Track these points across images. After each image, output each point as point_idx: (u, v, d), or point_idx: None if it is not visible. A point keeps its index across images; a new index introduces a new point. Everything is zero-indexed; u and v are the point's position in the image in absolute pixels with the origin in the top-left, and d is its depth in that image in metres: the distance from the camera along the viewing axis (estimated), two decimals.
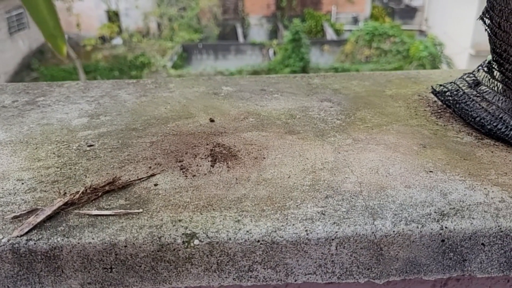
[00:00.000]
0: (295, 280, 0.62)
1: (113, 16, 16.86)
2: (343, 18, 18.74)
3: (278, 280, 0.62)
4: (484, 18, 0.84)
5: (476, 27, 13.49)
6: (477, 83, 0.90)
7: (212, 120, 0.93)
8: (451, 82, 0.94)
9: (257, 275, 0.61)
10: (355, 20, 18.54)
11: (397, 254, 0.61)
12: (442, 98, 0.94)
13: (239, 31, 17.92)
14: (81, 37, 15.74)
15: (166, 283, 0.61)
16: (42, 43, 15.68)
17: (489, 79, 0.88)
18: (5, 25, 14.01)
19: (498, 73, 0.86)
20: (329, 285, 0.71)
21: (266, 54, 15.98)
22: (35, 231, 0.60)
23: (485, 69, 0.89)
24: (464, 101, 0.88)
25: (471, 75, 0.92)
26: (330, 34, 17.36)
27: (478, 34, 13.55)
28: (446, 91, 0.93)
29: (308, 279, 0.62)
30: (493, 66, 0.86)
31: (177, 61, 15.29)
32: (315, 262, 0.61)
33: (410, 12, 18.59)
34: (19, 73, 14.13)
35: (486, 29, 0.85)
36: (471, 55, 13.85)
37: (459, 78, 0.94)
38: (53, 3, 0.35)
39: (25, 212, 0.63)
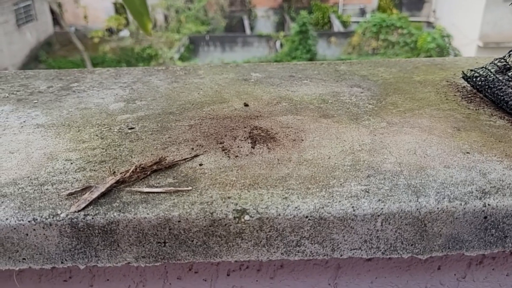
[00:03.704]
0: (341, 255, 0.64)
1: (120, 8, 16.85)
2: (350, 9, 18.64)
3: (324, 255, 0.64)
4: None
5: (485, 18, 13.39)
6: (508, 68, 0.91)
7: (246, 105, 0.95)
8: (482, 67, 0.95)
9: (305, 250, 0.64)
10: (362, 12, 18.44)
11: (440, 231, 0.63)
12: (473, 83, 0.95)
13: (246, 23, 17.87)
14: (88, 29, 15.77)
15: (216, 257, 0.63)
16: (49, 35, 15.72)
17: None
18: (13, 17, 14.05)
19: None
20: (368, 262, 0.74)
21: (273, 46, 15.95)
22: (91, 207, 0.62)
23: None
24: (495, 85, 0.90)
25: (502, 60, 0.93)
26: (337, 26, 17.28)
27: (487, 25, 13.45)
28: (477, 76, 0.94)
29: (353, 254, 0.64)
30: None
31: (184, 53, 15.30)
32: (361, 238, 0.63)
33: (417, 4, 18.46)
34: (27, 65, 14.19)
35: None
36: (479, 46, 13.76)
37: (490, 63, 0.95)
38: None
39: (79, 189, 0.65)
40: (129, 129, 0.85)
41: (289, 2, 18.20)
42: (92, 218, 0.61)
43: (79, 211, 0.61)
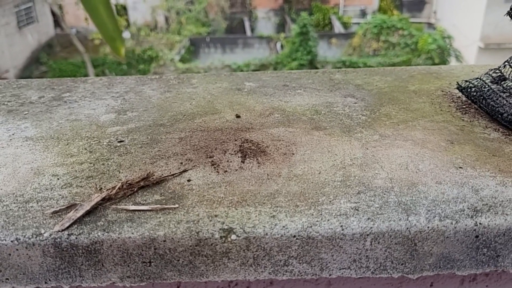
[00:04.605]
0: (330, 275, 0.63)
1: (121, 10, 16.86)
2: (351, 11, 18.63)
3: (313, 275, 0.63)
4: None
5: (486, 19, 13.37)
6: (503, 79, 0.90)
7: (238, 116, 0.94)
8: (476, 78, 0.94)
9: (293, 270, 0.62)
10: (363, 13, 18.43)
11: (431, 250, 0.62)
12: (467, 94, 0.94)
13: (247, 24, 17.87)
14: (89, 31, 15.78)
15: (203, 276, 0.62)
16: (50, 37, 15.74)
17: None
18: (14, 19, 14.07)
19: None
20: (360, 279, 0.72)
21: (274, 47, 15.94)
22: (76, 226, 0.61)
23: None
24: (490, 96, 0.89)
25: (497, 71, 0.92)
26: (337, 27, 17.27)
27: (488, 26, 13.42)
28: (472, 87, 0.93)
29: (342, 273, 0.63)
30: None
31: (185, 54, 15.29)
32: (350, 257, 0.62)
33: (418, 5, 18.44)
34: (28, 67, 14.21)
35: None
36: (480, 48, 13.73)
37: (485, 74, 0.94)
38: (111, 6, 0.36)
39: (64, 207, 0.64)
40: (118, 142, 0.84)
41: (290, 3, 18.20)
42: (76, 238, 0.60)
43: (62, 230, 0.60)
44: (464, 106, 0.96)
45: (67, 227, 0.61)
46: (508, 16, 0.86)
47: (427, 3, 18.21)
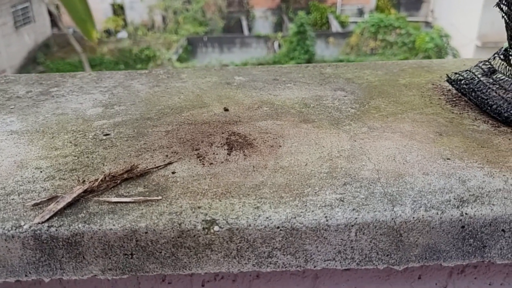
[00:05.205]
0: (314, 266, 0.62)
1: (118, 10, 16.84)
2: (348, 10, 18.64)
3: (298, 266, 0.62)
4: (501, 5, 0.83)
5: (483, 18, 13.38)
6: (493, 71, 0.90)
7: (226, 109, 0.93)
8: (466, 70, 0.94)
9: (277, 261, 0.62)
10: (361, 12, 18.43)
11: (416, 241, 0.61)
12: (457, 86, 0.93)
13: (244, 23, 17.85)
14: None
15: (186, 269, 0.62)
16: (47, 37, 15.71)
17: (506, 67, 0.87)
18: (10, 19, 14.03)
19: None
20: (347, 271, 0.72)
21: (271, 46, 15.93)
22: (56, 218, 0.60)
23: (501, 56, 0.88)
24: (480, 89, 0.88)
25: (487, 63, 0.91)
26: (335, 26, 17.27)
27: (485, 25, 13.43)
28: (462, 79, 0.92)
29: (327, 265, 0.62)
30: (510, 53, 0.86)
31: (182, 54, 15.28)
32: (335, 248, 0.61)
33: (416, 4, 18.45)
34: (25, 67, 14.17)
35: (503, 16, 0.84)
36: (477, 46, 13.74)
37: (475, 66, 0.94)
38: None
39: (45, 199, 0.63)
40: (104, 135, 0.83)
41: (287, 2, 18.19)
42: (56, 230, 0.59)
43: (42, 222, 0.59)
44: (454, 99, 0.95)
45: (47, 219, 0.60)
46: (497, 7, 0.85)
47: (424, 2, 18.22)
